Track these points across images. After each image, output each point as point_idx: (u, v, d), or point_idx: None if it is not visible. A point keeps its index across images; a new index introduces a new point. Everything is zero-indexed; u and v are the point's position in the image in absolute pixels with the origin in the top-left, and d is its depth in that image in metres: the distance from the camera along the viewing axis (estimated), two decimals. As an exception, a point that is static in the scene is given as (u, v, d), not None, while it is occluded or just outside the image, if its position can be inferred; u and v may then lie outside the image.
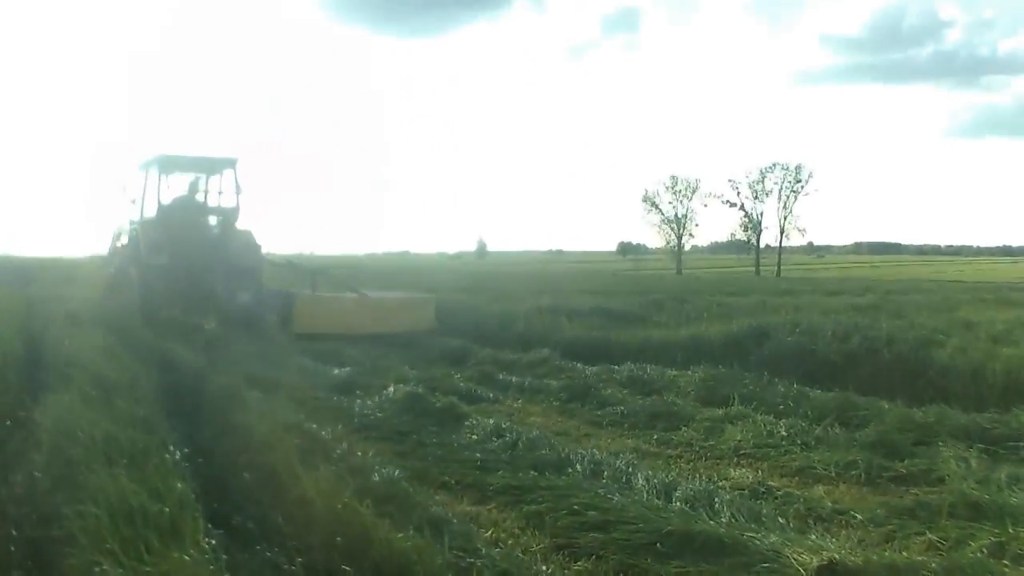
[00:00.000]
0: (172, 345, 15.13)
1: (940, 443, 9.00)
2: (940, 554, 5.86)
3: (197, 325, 20.10)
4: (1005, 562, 5.48)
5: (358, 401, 11.63)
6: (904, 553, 5.79)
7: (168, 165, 21.56)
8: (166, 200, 21.32)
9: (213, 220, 21.89)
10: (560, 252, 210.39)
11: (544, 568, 5.55)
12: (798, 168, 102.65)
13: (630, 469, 7.98)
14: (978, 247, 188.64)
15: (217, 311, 20.86)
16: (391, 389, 11.98)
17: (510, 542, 6.27)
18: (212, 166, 22.09)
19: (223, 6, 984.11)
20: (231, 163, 21.68)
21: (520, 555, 5.85)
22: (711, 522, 6.39)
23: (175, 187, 21.83)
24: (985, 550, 5.74)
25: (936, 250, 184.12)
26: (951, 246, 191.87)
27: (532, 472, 7.87)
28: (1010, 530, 6.07)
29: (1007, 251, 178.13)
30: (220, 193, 21.83)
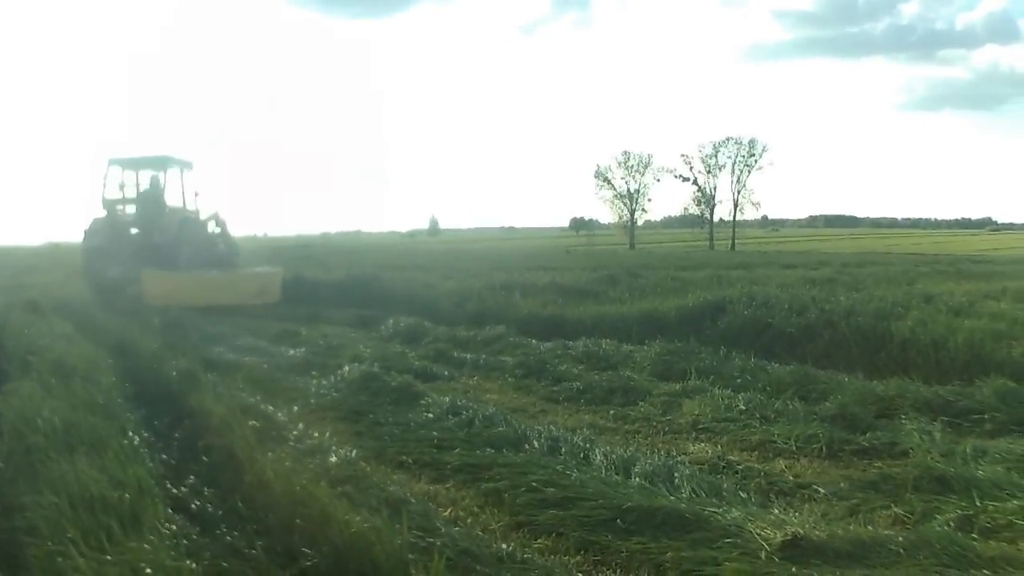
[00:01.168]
0: (130, 330, 15.04)
1: (902, 416, 8.94)
2: (906, 528, 5.86)
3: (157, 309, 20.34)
4: (973, 535, 5.49)
5: (314, 381, 11.61)
6: (869, 527, 5.77)
7: (130, 164, 25.73)
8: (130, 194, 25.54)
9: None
10: (512, 229, 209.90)
11: (504, 546, 5.49)
12: (752, 142, 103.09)
13: (588, 445, 7.92)
14: (936, 220, 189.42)
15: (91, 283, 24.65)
16: (346, 368, 11.97)
17: (469, 520, 6.29)
18: (166, 164, 25.97)
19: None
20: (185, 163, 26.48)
21: (480, 533, 5.86)
22: (671, 497, 6.35)
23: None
24: (952, 523, 5.75)
25: (893, 223, 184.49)
26: (908, 219, 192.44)
27: (489, 449, 7.83)
28: (977, 503, 6.08)
29: (965, 223, 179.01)
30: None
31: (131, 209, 25.50)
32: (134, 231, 25.18)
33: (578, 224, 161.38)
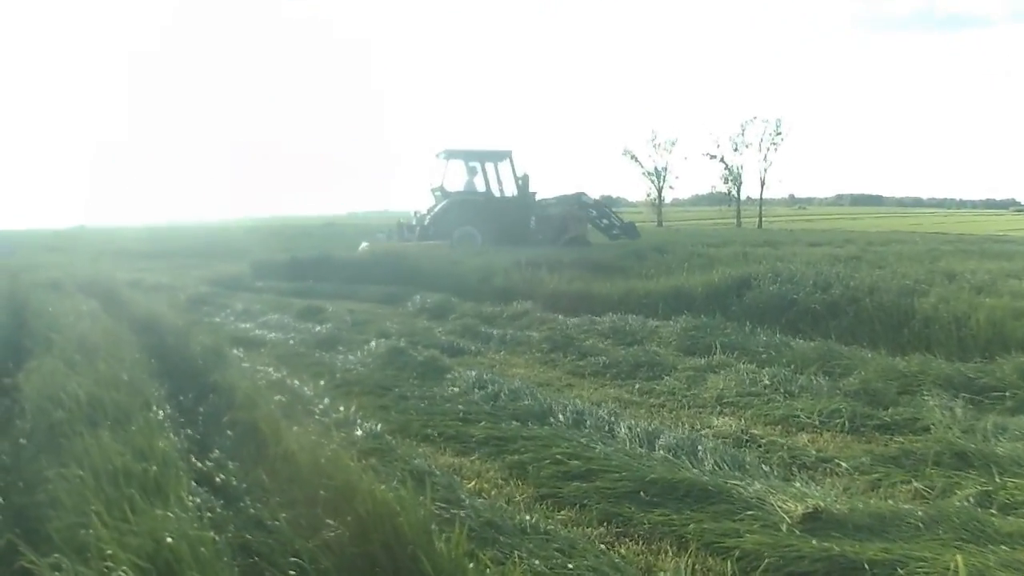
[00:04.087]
0: (156, 306, 15.11)
1: (924, 392, 8.86)
2: (926, 502, 5.81)
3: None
4: (992, 511, 5.45)
5: (340, 357, 11.65)
6: (890, 501, 5.76)
7: (471, 156, 31.87)
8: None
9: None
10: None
11: (528, 517, 5.51)
12: (778, 121, 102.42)
13: (612, 418, 7.94)
14: (961, 200, 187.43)
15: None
16: (372, 344, 12.01)
17: (493, 492, 6.29)
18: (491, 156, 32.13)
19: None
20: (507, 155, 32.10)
21: (504, 505, 5.87)
22: (694, 470, 6.36)
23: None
24: (972, 499, 5.70)
25: (918, 202, 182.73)
26: (933, 199, 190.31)
27: (514, 423, 7.87)
28: (997, 479, 6.04)
29: (990, 204, 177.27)
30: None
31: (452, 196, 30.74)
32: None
33: (607, 202, 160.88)
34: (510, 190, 31.73)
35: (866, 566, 4.63)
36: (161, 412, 6.97)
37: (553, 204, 31.38)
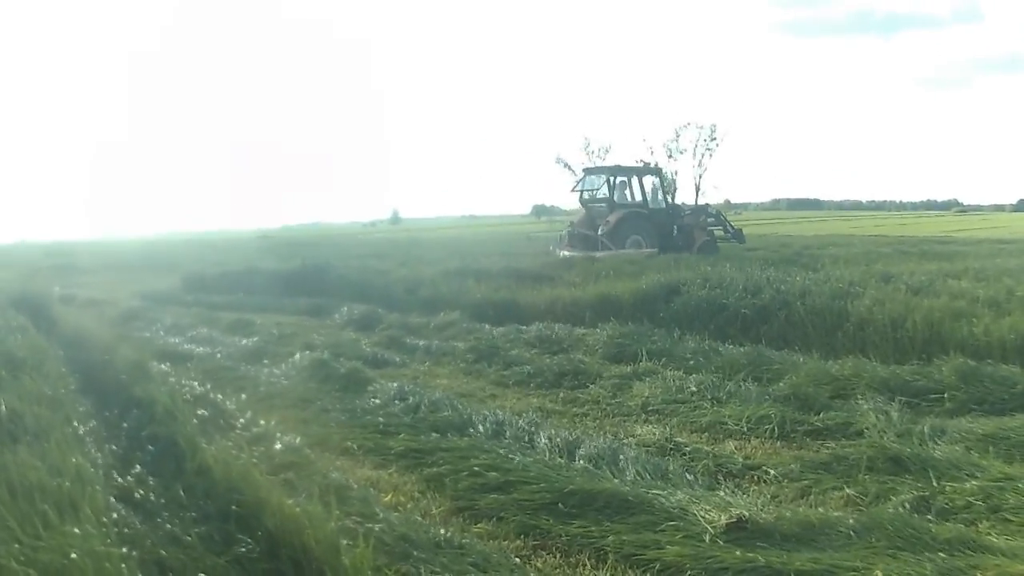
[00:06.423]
0: (86, 321, 15.03)
1: (858, 396, 8.86)
2: (859, 509, 5.82)
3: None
4: (929, 517, 5.46)
5: (265, 370, 11.62)
6: (820, 509, 5.77)
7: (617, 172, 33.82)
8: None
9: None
10: (474, 217, 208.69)
11: (443, 531, 5.49)
12: (713, 127, 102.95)
13: (533, 428, 7.94)
14: (901, 202, 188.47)
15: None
16: (297, 356, 12.00)
17: (409, 506, 6.30)
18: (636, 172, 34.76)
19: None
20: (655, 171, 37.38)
21: (419, 519, 5.84)
22: (615, 480, 6.37)
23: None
24: (907, 505, 5.70)
25: (857, 206, 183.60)
26: (872, 201, 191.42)
27: (434, 434, 7.86)
28: (934, 484, 6.07)
29: (931, 206, 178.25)
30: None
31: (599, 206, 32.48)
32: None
33: (540, 210, 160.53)
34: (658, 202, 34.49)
35: (793, 576, 4.57)
36: (82, 427, 6.99)
37: (689, 215, 34.08)
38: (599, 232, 30.60)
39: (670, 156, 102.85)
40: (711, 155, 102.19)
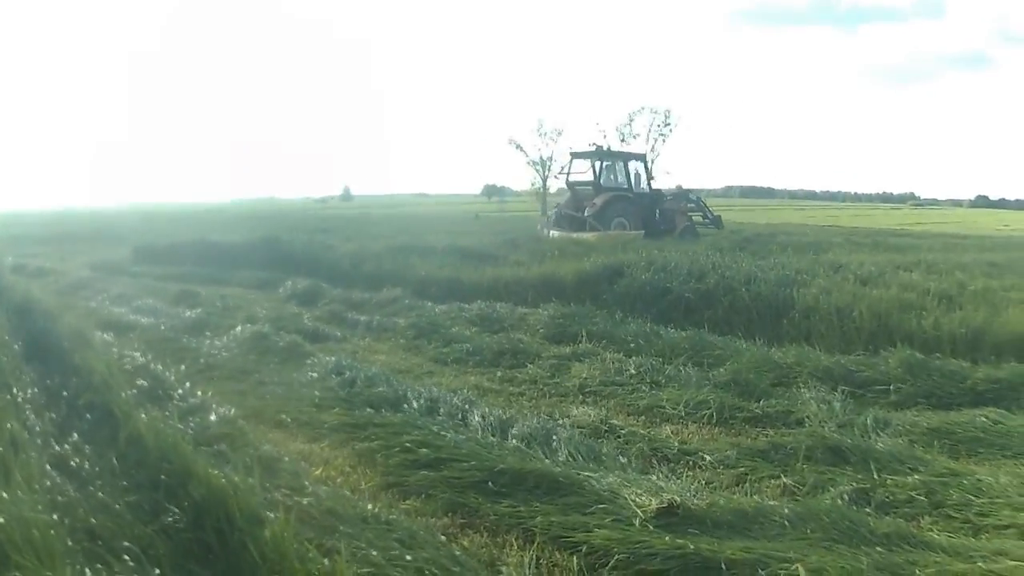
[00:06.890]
0: (34, 291, 14.99)
1: (801, 384, 8.86)
2: (796, 499, 5.79)
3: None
4: (868, 510, 5.44)
5: (207, 342, 11.67)
6: (755, 497, 5.73)
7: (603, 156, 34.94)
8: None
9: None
10: (425, 195, 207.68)
11: (371, 507, 5.47)
12: (667, 112, 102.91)
13: (467, 406, 7.96)
14: (856, 194, 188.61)
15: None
16: (239, 329, 12.06)
17: (339, 480, 6.33)
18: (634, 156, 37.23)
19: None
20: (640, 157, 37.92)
21: (348, 493, 5.84)
22: (547, 460, 6.37)
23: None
24: (846, 496, 5.69)
25: (811, 195, 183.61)
26: (827, 192, 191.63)
27: (368, 409, 7.87)
28: (875, 476, 6.05)
29: (887, 198, 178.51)
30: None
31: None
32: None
33: (491, 190, 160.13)
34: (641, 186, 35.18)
35: (723, 565, 4.57)
36: (21, 394, 7.01)
37: (670, 200, 34.89)
38: (586, 213, 31.45)
39: (623, 140, 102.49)
40: (664, 140, 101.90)
